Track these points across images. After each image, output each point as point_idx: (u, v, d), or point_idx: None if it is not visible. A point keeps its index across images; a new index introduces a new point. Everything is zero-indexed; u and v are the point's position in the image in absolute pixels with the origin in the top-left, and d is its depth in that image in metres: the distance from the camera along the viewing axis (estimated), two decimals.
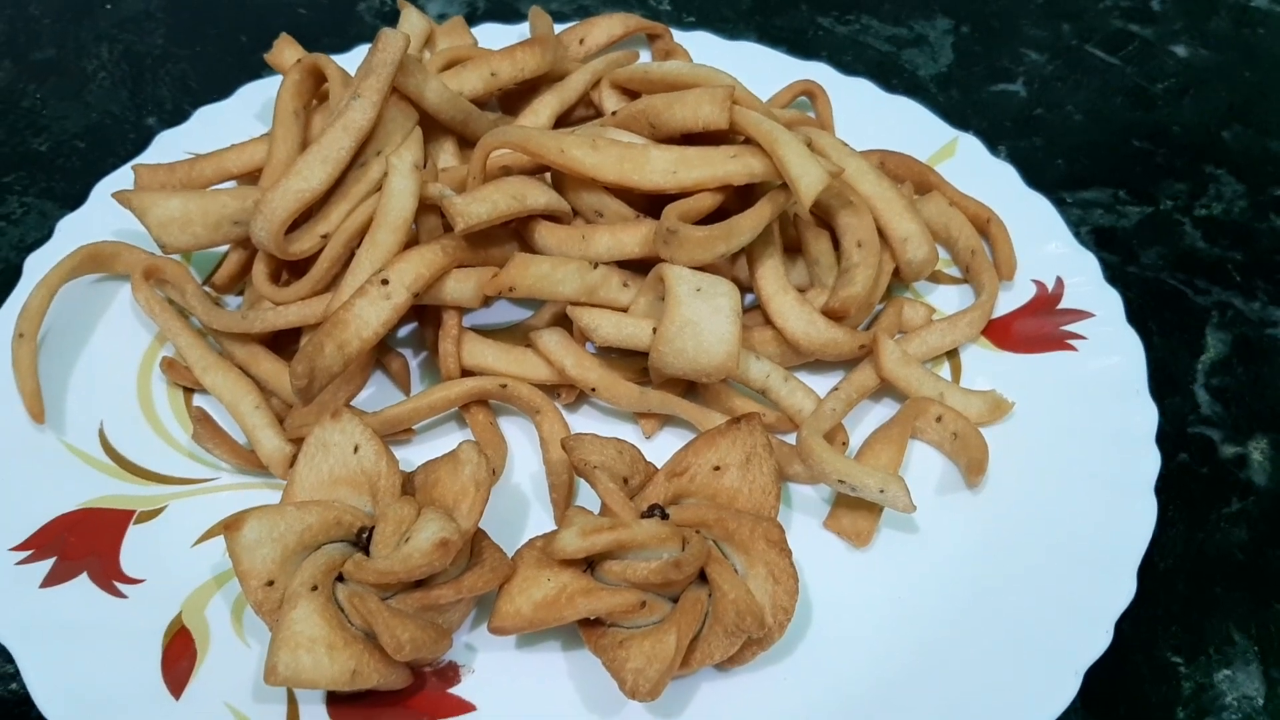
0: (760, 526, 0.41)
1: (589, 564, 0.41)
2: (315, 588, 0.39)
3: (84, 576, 0.42)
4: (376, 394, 0.50)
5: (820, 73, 0.62)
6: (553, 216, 0.49)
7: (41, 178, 0.62)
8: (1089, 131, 0.66)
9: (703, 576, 0.40)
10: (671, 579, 0.39)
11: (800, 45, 0.69)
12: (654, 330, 0.47)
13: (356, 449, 0.42)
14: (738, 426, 0.43)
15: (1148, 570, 0.43)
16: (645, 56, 0.62)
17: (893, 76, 0.67)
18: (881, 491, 0.43)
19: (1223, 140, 0.66)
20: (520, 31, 0.63)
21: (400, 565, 0.39)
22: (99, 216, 0.54)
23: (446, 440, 0.48)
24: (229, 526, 0.39)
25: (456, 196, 0.46)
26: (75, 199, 0.56)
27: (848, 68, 0.64)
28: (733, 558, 0.41)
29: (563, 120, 0.56)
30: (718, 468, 0.43)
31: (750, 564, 0.40)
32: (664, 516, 0.41)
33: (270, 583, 0.39)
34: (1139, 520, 0.44)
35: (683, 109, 0.49)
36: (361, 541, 0.41)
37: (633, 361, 0.49)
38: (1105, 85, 0.69)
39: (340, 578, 0.40)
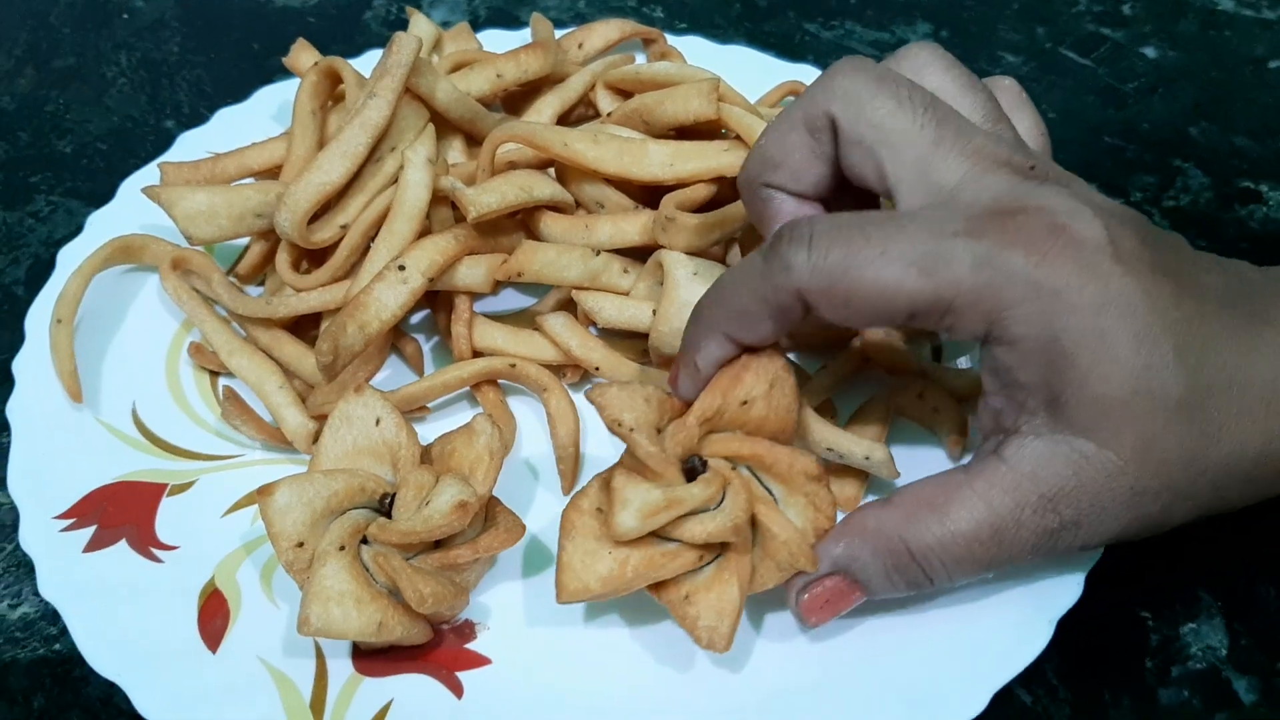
0: (799, 461, 0.42)
1: None
2: (343, 548, 0.42)
3: (123, 543, 0.45)
4: (392, 376, 0.53)
5: (806, 74, 0.65)
6: (557, 207, 0.52)
7: (67, 177, 0.65)
8: (1062, 129, 0.69)
9: None
10: (730, 539, 0.41)
11: (788, 49, 0.72)
12: (654, 312, 0.50)
13: (378, 421, 0.45)
14: (758, 358, 0.42)
15: None
16: (641, 59, 0.65)
17: None
18: (867, 459, 0.46)
19: (1190, 136, 0.69)
20: (522, 37, 0.67)
21: (422, 526, 0.42)
22: (126, 212, 0.56)
23: (459, 418, 0.51)
24: (262, 492, 0.42)
25: (467, 188, 0.50)
26: (100, 197, 0.59)
27: None
28: (770, 486, 0.42)
29: (563, 120, 0.60)
30: (745, 402, 0.42)
31: (790, 493, 0.42)
32: (704, 466, 0.42)
33: (300, 544, 0.42)
34: None
35: (673, 104, 0.52)
36: (384, 507, 0.44)
37: (634, 342, 0.53)
38: (1078, 85, 0.72)
39: (365, 541, 0.43)
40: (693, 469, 0.42)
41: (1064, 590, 0.43)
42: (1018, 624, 0.43)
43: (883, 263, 0.37)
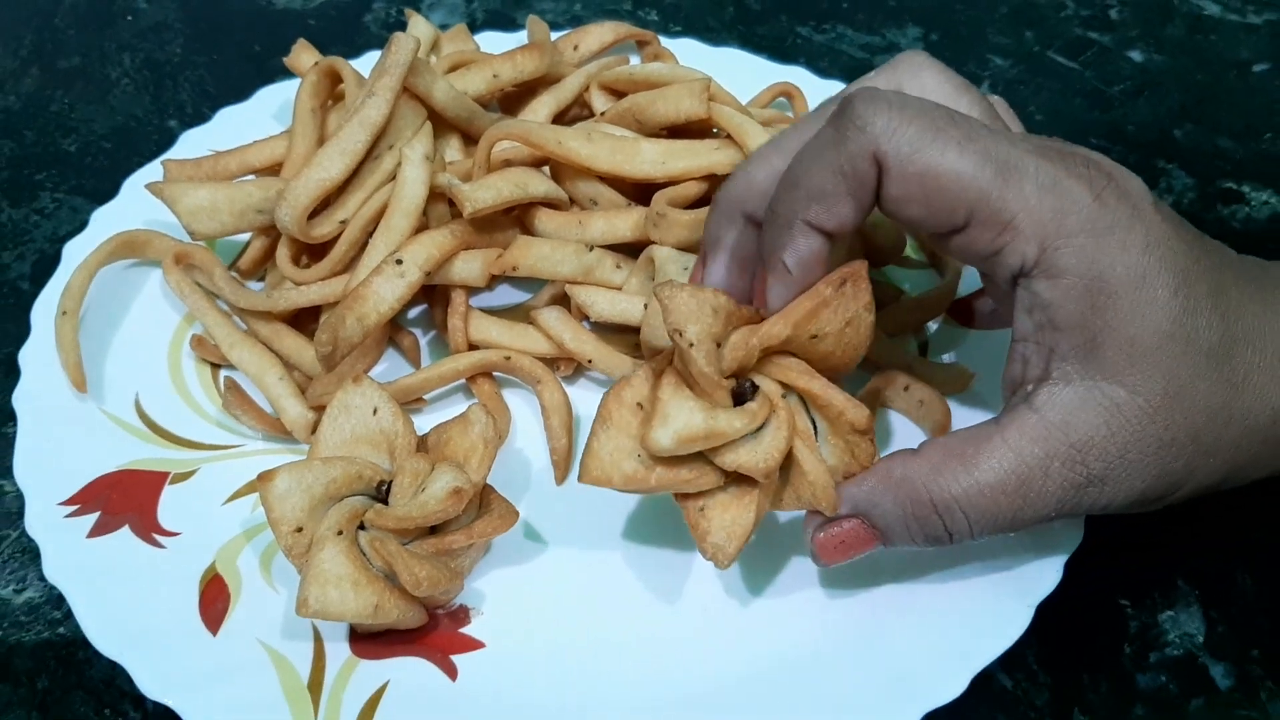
0: (850, 412, 0.41)
1: None
2: (340, 533, 0.43)
3: (126, 529, 0.46)
4: (390, 369, 0.54)
5: (798, 76, 0.66)
6: (552, 204, 0.54)
7: (71, 175, 0.66)
8: (1049, 130, 0.69)
9: None
10: (764, 475, 0.40)
11: (780, 52, 0.73)
12: (645, 306, 0.51)
13: (375, 411, 0.46)
14: (842, 291, 0.41)
15: (1095, 518, 0.47)
16: (636, 61, 0.66)
17: None
18: None
19: (1174, 138, 0.70)
20: (518, 39, 0.68)
21: (418, 511, 0.43)
22: (130, 208, 0.58)
23: (455, 409, 0.52)
24: (263, 478, 0.43)
25: (463, 185, 0.51)
26: (103, 194, 0.60)
27: (824, 73, 0.69)
28: (815, 416, 0.42)
29: (559, 120, 0.61)
30: (815, 336, 0.41)
31: (833, 433, 0.42)
32: (754, 391, 0.41)
33: (299, 529, 0.43)
34: None
35: (665, 104, 0.53)
36: (381, 494, 0.45)
37: (626, 336, 0.54)
38: (1065, 88, 0.74)
39: (362, 527, 0.44)
40: (742, 392, 0.41)
41: (1044, 576, 0.45)
42: (998, 609, 0.44)
43: (961, 150, 0.38)
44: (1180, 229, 0.39)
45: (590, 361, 0.52)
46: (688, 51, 0.67)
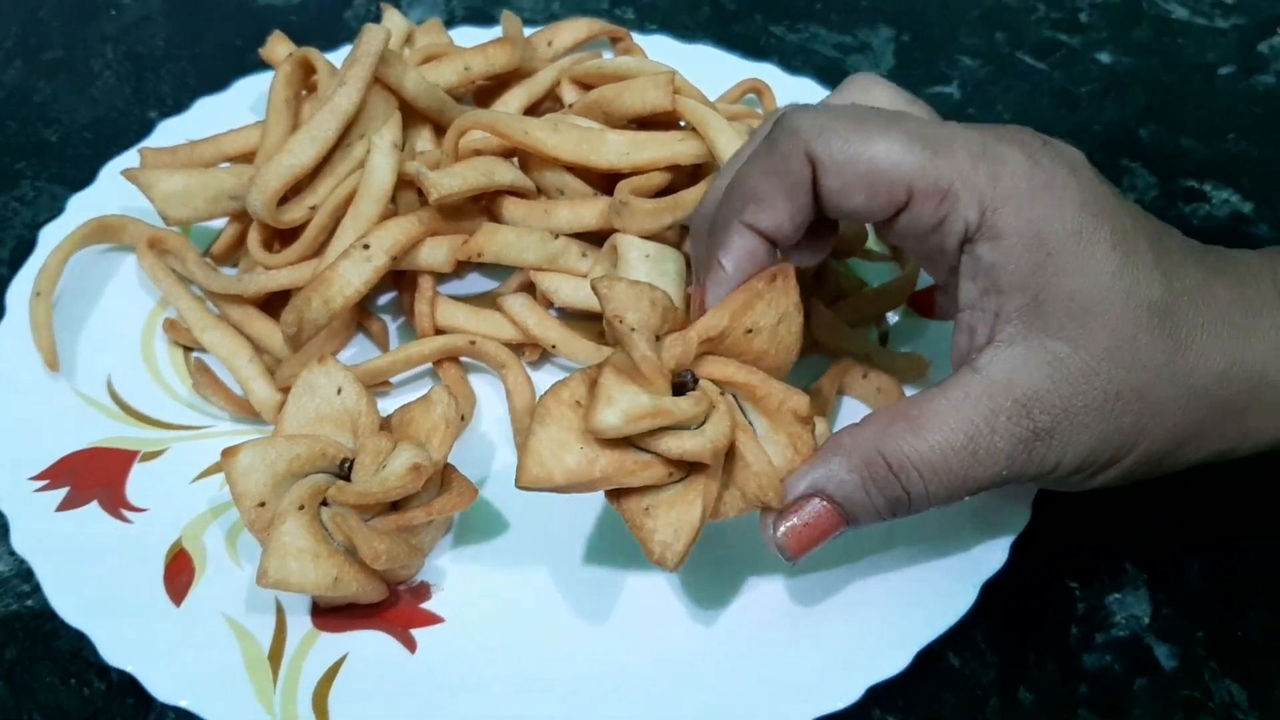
0: (789, 400, 0.41)
1: None
2: (302, 507, 0.44)
3: (94, 504, 0.47)
4: (358, 354, 0.55)
5: (768, 72, 0.67)
6: (518, 192, 0.55)
7: (52, 164, 0.67)
8: None
9: None
10: (708, 460, 0.40)
11: (754, 51, 0.74)
12: None
13: (339, 391, 0.47)
14: (774, 285, 0.42)
15: (1046, 503, 0.48)
16: (609, 57, 0.67)
17: (838, 78, 0.72)
18: None
19: (1139, 137, 0.72)
20: (494, 34, 0.69)
21: (378, 487, 0.44)
22: (106, 194, 0.59)
23: (421, 393, 0.53)
24: (227, 454, 0.44)
25: (430, 172, 0.52)
26: (83, 183, 0.61)
27: (796, 71, 0.70)
28: (753, 417, 0.42)
29: (531, 113, 0.62)
30: (750, 330, 0.42)
31: (774, 429, 0.42)
32: (695, 383, 0.41)
33: (262, 504, 0.44)
34: None
35: (631, 96, 0.54)
36: (344, 471, 0.46)
37: (590, 323, 0.55)
38: (1034, 88, 0.75)
39: (325, 503, 0.45)
40: (683, 384, 0.41)
41: (990, 556, 0.46)
42: (944, 588, 0.45)
43: (889, 137, 0.39)
44: (1119, 194, 0.40)
45: (554, 347, 0.53)
46: (660, 48, 0.69)
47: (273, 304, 0.55)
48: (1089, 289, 0.38)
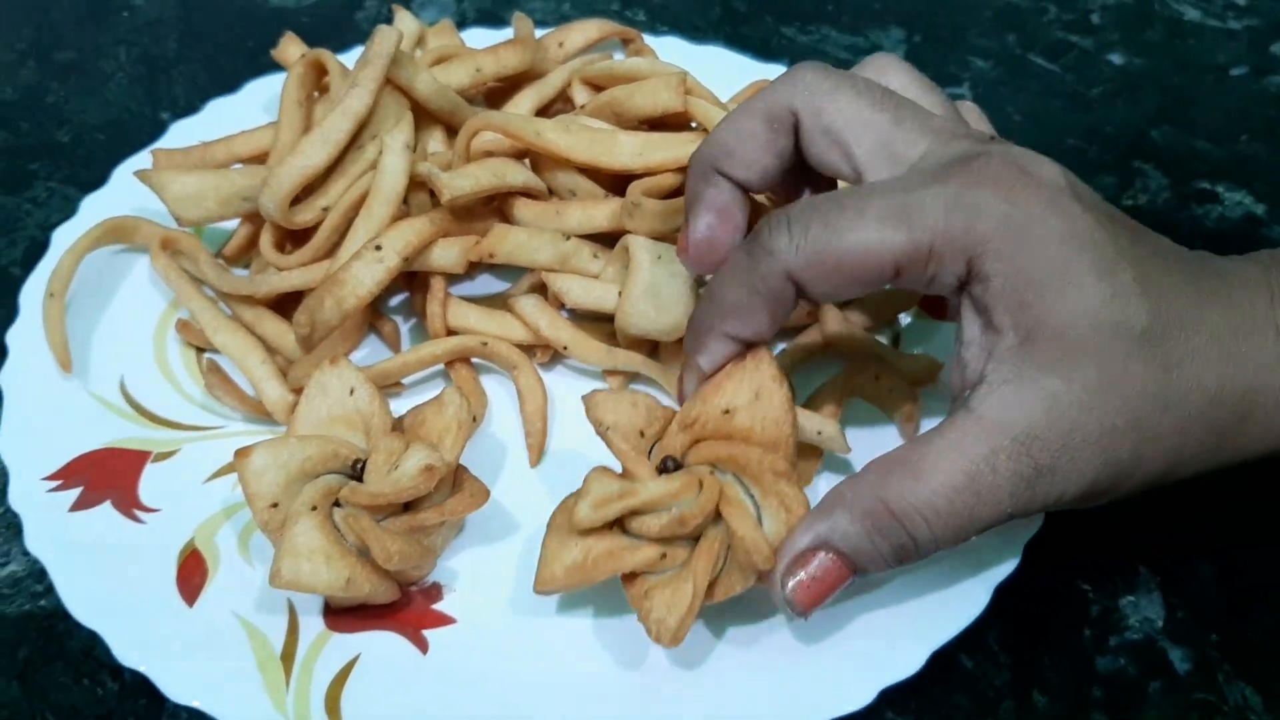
0: (767, 459, 0.43)
1: (616, 521, 0.43)
2: (315, 508, 0.44)
3: (108, 504, 0.48)
4: (370, 355, 0.55)
5: (777, 73, 0.67)
6: (530, 193, 0.55)
7: (65, 165, 0.68)
8: (1027, 131, 0.71)
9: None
10: (677, 533, 0.42)
11: (764, 52, 0.74)
12: (619, 294, 0.52)
13: (352, 391, 0.47)
14: (742, 365, 0.44)
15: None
16: (620, 58, 0.67)
17: None
18: (819, 433, 0.48)
19: (1151, 139, 0.71)
20: (505, 36, 0.69)
21: (390, 488, 0.44)
22: (119, 195, 0.59)
23: (433, 394, 0.53)
24: (240, 454, 0.44)
25: (442, 173, 0.52)
26: (95, 184, 0.61)
27: None
28: (752, 491, 0.43)
29: (542, 114, 0.62)
30: (727, 411, 0.44)
31: (764, 495, 0.43)
32: (678, 466, 0.44)
33: (274, 504, 0.44)
34: None
35: (642, 96, 0.54)
36: (356, 472, 0.46)
37: (602, 325, 0.55)
38: (1045, 90, 0.75)
39: (337, 504, 0.45)
40: (664, 470, 0.44)
41: (1003, 558, 0.46)
42: (957, 590, 0.45)
43: (861, 224, 0.39)
44: (1102, 217, 0.40)
45: (566, 348, 0.53)
46: (671, 49, 0.69)
47: (285, 305, 0.55)
48: (1076, 324, 0.38)
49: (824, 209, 0.40)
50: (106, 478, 0.49)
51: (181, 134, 0.63)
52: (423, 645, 0.45)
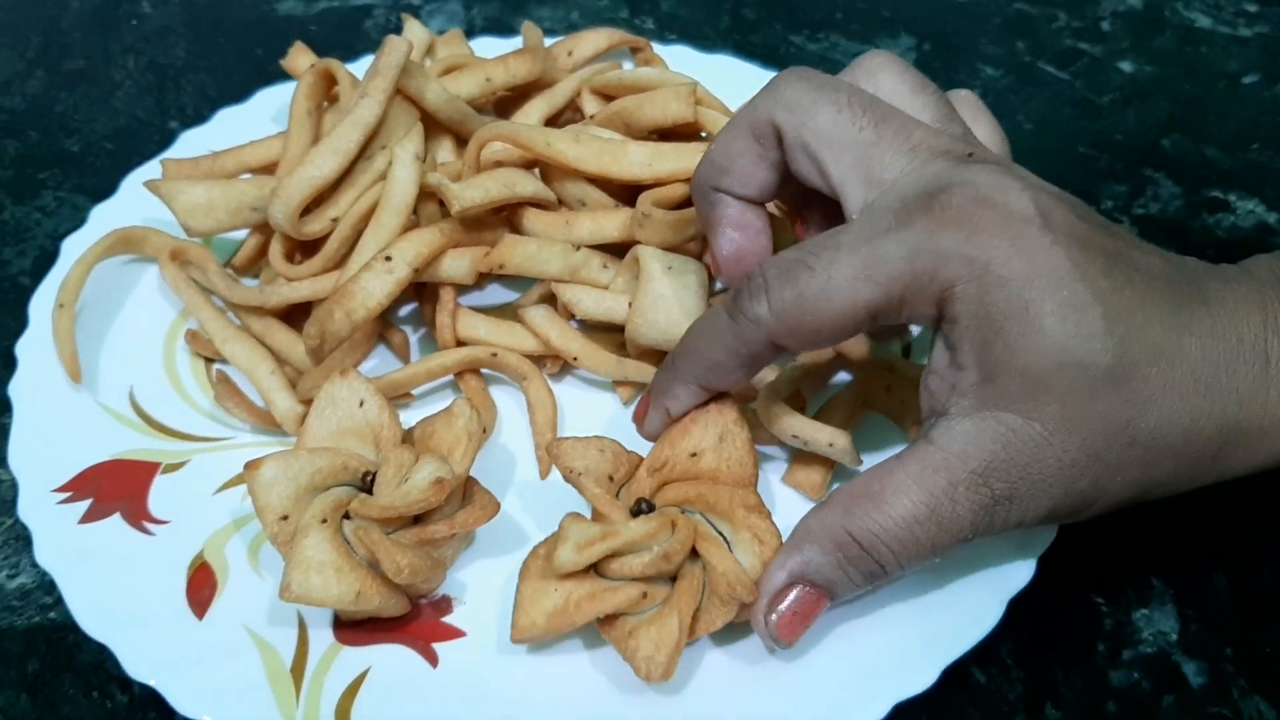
0: (737, 495, 0.44)
1: (591, 565, 0.44)
2: (325, 521, 0.44)
3: (117, 516, 0.47)
4: (379, 365, 0.55)
5: None
6: (540, 204, 0.55)
7: (74, 174, 0.68)
8: (1038, 139, 0.71)
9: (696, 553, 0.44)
10: (662, 570, 0.43)
11: (774, 60, 0.74)
12: (630, 304, 0.52)
13: (362, 403, 0.47)
14: (706, 411, 0.46)
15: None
16: (629, 67, 0.67)
17: None
18: (830, 445, 0.48)
19: (1162, 147, 0.71)
20: (514, 44, 0.69)
21: (400, 500, 0.44)
22: (128, 205, 0.59)
23: (443, 405, 0.53)
24: (249, 467, 0.44)
25: (452, 184, 0.52)
26: (104, 193, 0.61)
27: None
28: (721, 527, 0.45)
29: (551, 124, 0.62)
30: (694, 454, 0.46)
31: (736, 530, 0.44)
32: (650, 508, 0.45)
33: (284, 517, 0.44)
34: None
35: (652, 107, 0.54)
36: (366, 485, 0.46)
37: (612, 335, 0.55)
38: (1055, 97, 0.75)
39: (347, 516, 0.45)
40: (639, 512, 0.45)
41: (1016, 571, 0.45)
42: (970, 603, 0.45)
43: (831, 286, 0.40)
44: (1073, 249, 0.39)
45: (576, 359, 0.53)
46: (680, 58, 0.68)
47: (294, 316, 0.55)
48: (1039, 364, 0.38)
49: (794, 271, 0.41)
50: (116, 489, 0.48)
51: (190, 143, 0.63)
52: (432, 658, 0.45)
